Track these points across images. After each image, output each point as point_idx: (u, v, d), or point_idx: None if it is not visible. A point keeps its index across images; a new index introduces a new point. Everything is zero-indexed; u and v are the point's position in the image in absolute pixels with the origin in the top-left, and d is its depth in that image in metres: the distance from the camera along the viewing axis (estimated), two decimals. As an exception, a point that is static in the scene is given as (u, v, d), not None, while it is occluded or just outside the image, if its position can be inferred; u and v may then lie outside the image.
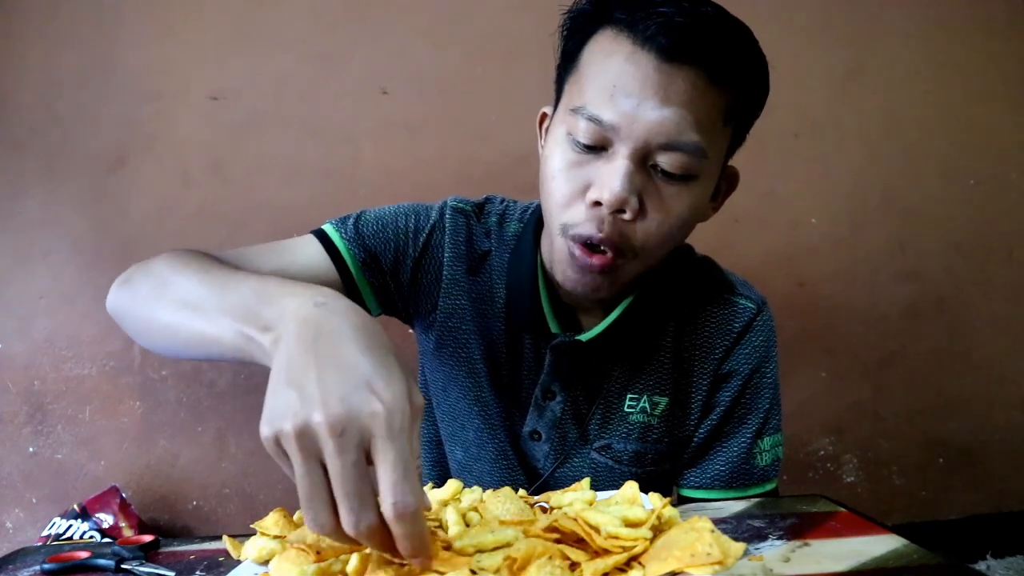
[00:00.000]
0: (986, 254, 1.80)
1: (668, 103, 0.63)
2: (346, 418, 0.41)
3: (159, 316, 0.60)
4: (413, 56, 1.56)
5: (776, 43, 1.91)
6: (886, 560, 0.50)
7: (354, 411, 0.41)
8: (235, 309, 0.52)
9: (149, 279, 0.65)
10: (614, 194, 0.63)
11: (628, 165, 0.64)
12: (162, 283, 0.62)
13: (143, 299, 0.64)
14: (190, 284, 0.59)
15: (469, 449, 0.83)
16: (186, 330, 0.56)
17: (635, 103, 0.63)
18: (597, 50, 0.67)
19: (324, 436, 0.41)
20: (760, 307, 0.80)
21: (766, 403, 0.79)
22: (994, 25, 1.76)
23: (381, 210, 0.81)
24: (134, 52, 1.49)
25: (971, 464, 1.82)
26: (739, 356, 0.78)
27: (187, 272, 0.61)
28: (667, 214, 0.67)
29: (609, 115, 0.64)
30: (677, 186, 0.66)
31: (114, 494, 1.44)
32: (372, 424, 0.41)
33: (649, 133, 0.63)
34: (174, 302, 0.59)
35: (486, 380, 0.81)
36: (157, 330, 0.61)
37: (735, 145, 0.73)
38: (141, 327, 0.65)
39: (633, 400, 0.79)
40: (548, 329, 0.78)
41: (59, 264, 1.48)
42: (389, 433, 0.41)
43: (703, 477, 0.79)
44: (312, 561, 0.47)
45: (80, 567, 0.57)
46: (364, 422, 0.41)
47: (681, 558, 0.44)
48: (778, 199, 1.71)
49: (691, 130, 0.63)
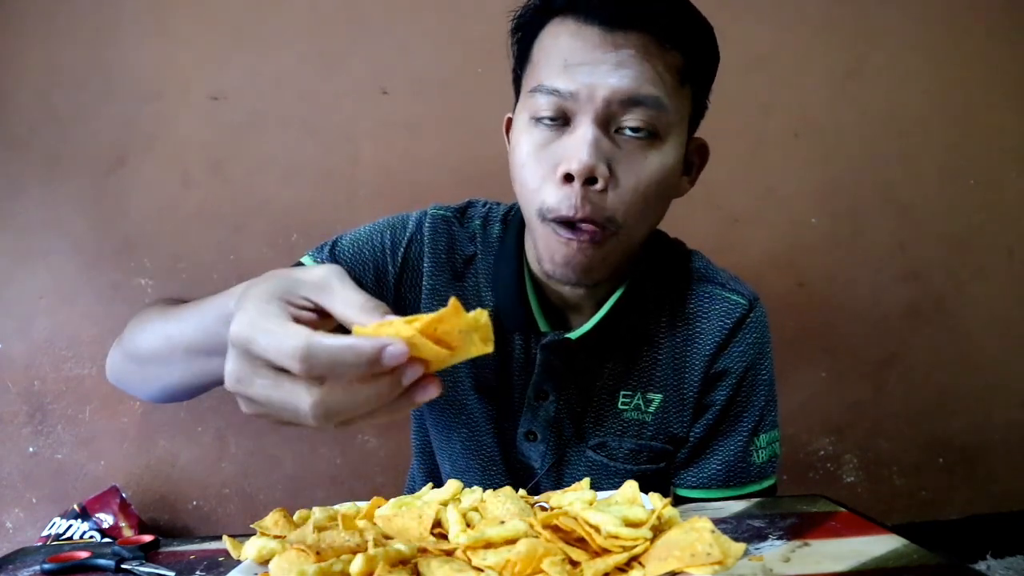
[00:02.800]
0: (986, 254, 1.80)
1: (622, 65, 0.65)
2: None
3: (141, 364, 0.65)
4: (413, 56, 1.56)
5: (776, 43, 1.91)
6: (886, 560, 0.50)
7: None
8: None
9: (129, 335, 0.68)
10: (582, 163, 0.64)
11: (593, 130, 0.65)
12: (138, 333, 0.66)
13: (126, 356, 0.67)
14: (157, 324, 0.63)
15: (456, 461, 0.83)
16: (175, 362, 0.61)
17: (589, 69, 0.65)
18: (546, 39, 0.69)
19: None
20: (752, 303, 0.79)
21: (761, 400, 0.79)
22: (994, 25, 1.76)
23: (357, 231, 0.81)
24: (134, 52, 1.49)
25: (971, 464, 1.82)
26: (733, 354, 0.78)
27: (150, 319, 0.65)
28: (639, 178, 0.67)
29: (566, 84, 0.65)
30: (644, 147, 0.67)
31: (114, 494, 1.44)
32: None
33: (608, 92, 0.64)
34: (150, 343, 0.63)
35: (472, 386, 0.80)
36: (142, 377, 0.66)
37: (697, 113, 0.74)
38: (135, 380, 0.68)
39: (627, 397, 0.79)
40: (538, 328, 0.78)
41: (59, 264, 1.48)
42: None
43: (700, 476, 0.79)
44: (312, 561, 0.47)
45: (80, 567, 0.57)
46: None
47: (681, 558, 0.44)
48: (778, 199, 1.71)
49: (649, 84, 0.65)
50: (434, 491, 0.63)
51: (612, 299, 0.77)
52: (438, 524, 0.55)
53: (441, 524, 0.55)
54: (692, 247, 0.87)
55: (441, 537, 0.54)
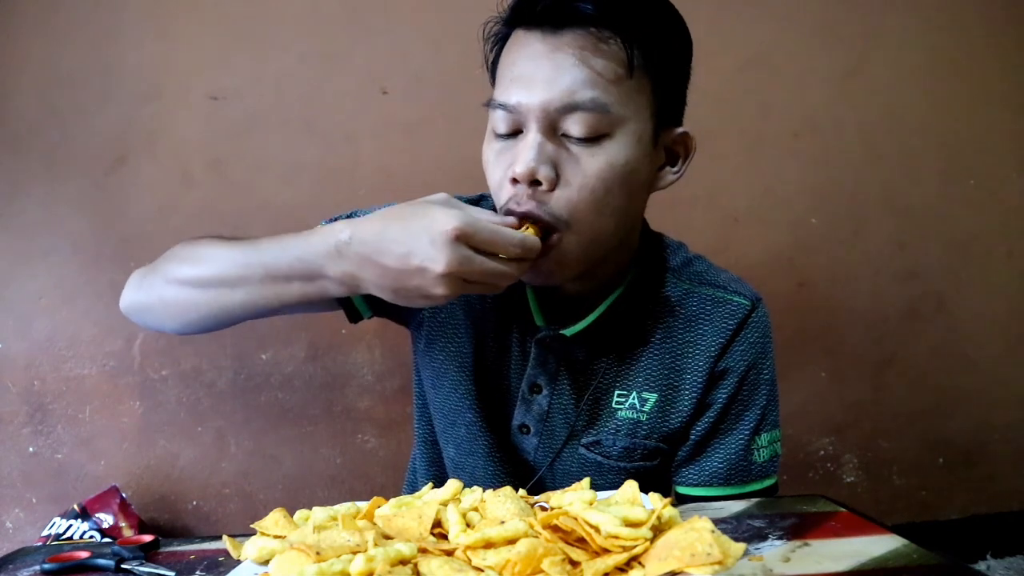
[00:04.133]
0: (986, 254, 1.80)
1: (558, 70, 0.66)
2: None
3: (199, 289, 0.73)
4: (413, 56, 1.56)
5: (776, 43, 1.91)
6: (886, 560, 0.50)
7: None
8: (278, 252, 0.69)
9: (175, 262, 0.76)
10: (525, 165, 0.66)
11: (536, 137, 0.67)
12: (193, 258, 0.74)
13: (175, 281, 0.74)
14: (223, 250, 0.73)
15: (461, 445, 0.84)
16: (237, 283, 0.70)
17: (528, 80, 0.67)
18: (505, 52, 0.73)
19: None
20: (755, 303, 0.79)
21: (763, 399, 0.79)
22: (994, 25, 1.76)
23: (377, 209, 0.82)
24: (134, 52, 1.48)
25: (971, 464, 1.82)
26: (734, 353, 0.78)
27: (211, 245, 0.75)
28: (585, 176, 0.68)
29: (512, 98, 0.68)
30: (590, 147, 0.68)
31: (114, 494, 1.44)
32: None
33: (545, 101, 0.66)
34: (215, 268, 0.72)
35: (476, 374, 0.81)
36: (192, 302, 0.73)
37: (667, 101, 0.72)
38: (172, 307, 0.75)
39: (622, 396, 0.79)
40: (534, 322, 0.79)
41: (59, 264, 1.48)
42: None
43: (701, 475, 0.79)
44: (312, 561, 0.47)
45: (80, 567, 0.57)
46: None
47: (681, 558, 0.44)
48: (778, 199, 1.71)
49: (587, 88, 0.66)
50: (434, 491, 0.63)
51: (610, 298, 0.77)
52: (438, 524, 0.55)
53: (441, 524, 0.55)
54: (692, 247, 0.87)
55: (441, 537, 0.54)
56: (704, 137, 0.78)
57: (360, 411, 1.58)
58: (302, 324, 1.54)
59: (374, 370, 1.58)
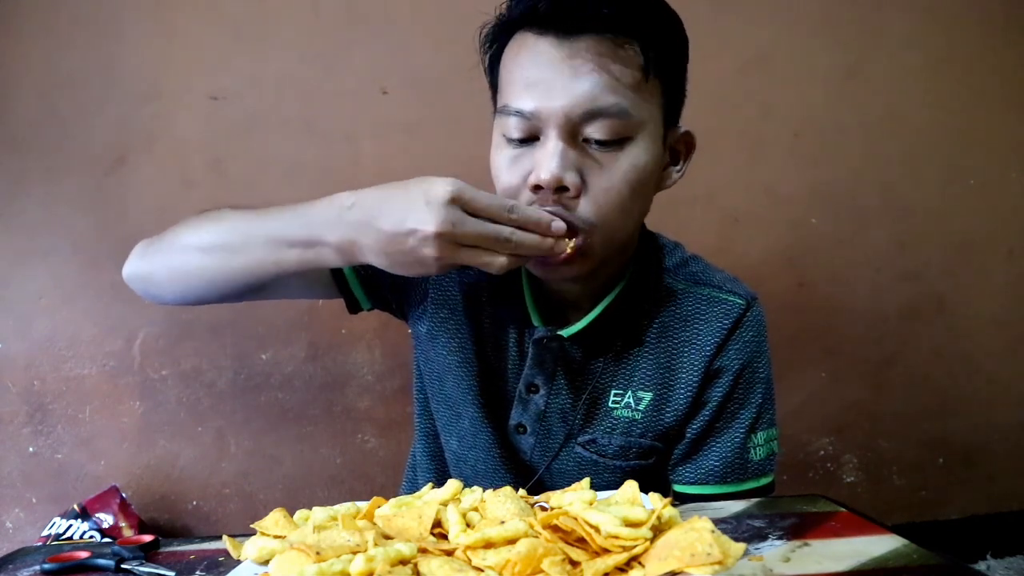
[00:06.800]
0: (986, 254, 1.80)
1: (578, 75, 0.66)
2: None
3: (202, 254, 0.74)
4: (413, 56, 1.56)
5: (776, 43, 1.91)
6: (886, 560, 0.50)
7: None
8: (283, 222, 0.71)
9: (182, 229, 0.78)
10: (551, 172, 0.66)
11: (559, 144, 0.67)
12: (200, 226, 0.76)
13: (179, 247, 0.77)
14: (229, 216, 0.75)
15: (464, 438, 0.84)
16: (242, 248, 0.72)
17: (547, 85, 0.67)
18: (509, 55, 0.71)
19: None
20: (750, 303, 0.80)
21: (759, 398, 0.80)
22: (994, 25, 1.76)
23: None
24: (134, 52, 1.48)
25: (971, 464, 1.82)
26: (729, 352, 0.78)
27: (219, 213, 0.76)
28: (611, 181, 0.68)
29: (528, 104, 0.67)
30: (613, 152, 0.68)
31: (114, 494, 1.44)
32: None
33: (567, 107, 0.66)
34: (219, 234, 0.74)
35: (478, 369, 0.82)
36: (196, 267, 0.75)
37: (673, 102, 0.74)
38: (175, 273, 0.78)
39: (618, 396, 0.80)
40: (531, 322, 0.79)
41: (59, 264, 1.48)
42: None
43: (697, 472, 0.80)
44: (312, 561, 0.47)
45: (80, 567, 0.57)
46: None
47: (681, 558, 0.44)
48: (778, 199, 1.71)
49: (608, 93, 0.66)
50: (434, 491, 0.63)
51: (608, 298, 0.77)
52: (438, 524, 0.55)
53: (441, 524, 0.55)
54: (692, 247, 0.87)
55: (441, 537, 0.54)
56: (704, 137, 0.78)
57: (360, 411, 1.58)
58: (302, 324, 1.54)
59: (374, 370, 1.58)
